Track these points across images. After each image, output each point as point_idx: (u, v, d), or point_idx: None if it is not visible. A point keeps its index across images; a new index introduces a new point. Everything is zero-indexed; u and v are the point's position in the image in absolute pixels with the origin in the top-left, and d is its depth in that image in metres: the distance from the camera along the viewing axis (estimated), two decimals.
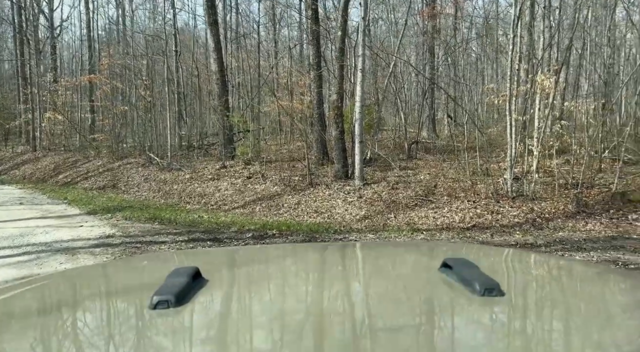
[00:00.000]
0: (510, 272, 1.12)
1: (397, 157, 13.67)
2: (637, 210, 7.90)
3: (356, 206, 8.71)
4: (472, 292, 0.78)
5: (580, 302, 0.87)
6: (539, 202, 8.57)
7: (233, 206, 9.31)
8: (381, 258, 1.26)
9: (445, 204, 8.65)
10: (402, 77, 16.99)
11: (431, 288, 0.92)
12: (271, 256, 1.33)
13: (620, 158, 8.92)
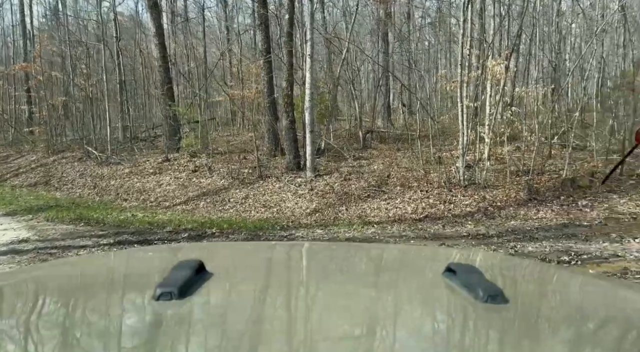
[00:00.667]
0: (515, 280, 1.10)
1: (352, 147, 13.36)
2: (587, 196, 7.92)
3: (307, 199, 8.29)
4: (475, 298, 0.76)
5: (584, 313, 0.86)
6: (491, 190, 8.45)
7: (175, 202, 8.67)
8: (386, 260, 1.26)
9: (398, 194, 8.38)
10: (357, 65, 16.67)
11: (434, 292, 0.91)
12: (276, 253, 1.33)
13: (569, 144, 8.93)
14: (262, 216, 7.61)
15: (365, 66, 18.57)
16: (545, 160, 11.05)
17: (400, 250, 1.71)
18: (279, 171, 9.82)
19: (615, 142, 10.57)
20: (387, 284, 1.01)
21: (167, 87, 12.49)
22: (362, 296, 0.89)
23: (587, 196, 7.93)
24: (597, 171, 9.52)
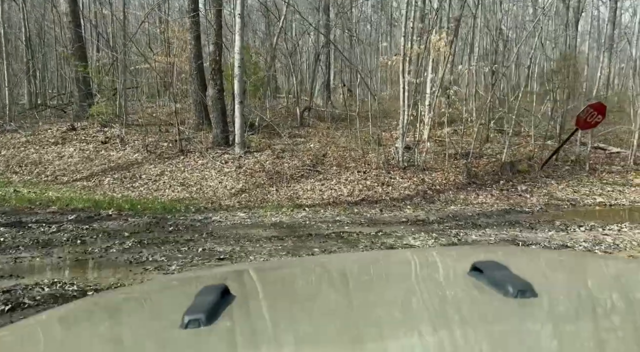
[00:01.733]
0: (542, 273, 1.08)
1: (288, 124, 12.53)
2: (525, 181, 7.71)
3: (233, 178, 7.38)
4: (504, 294, 0.76)
5: (617, 301, 0.85)
6: (430, 173, 8.02)
7: (75, 177, 7.41)
8: (410, 266, 1.25)
9: (334, 175, 7.71)
10: (297, 38, 15.72)
11: (463, 293, 0.89)
12: (298, 270, 1.31)
13: (510, 128, 8.68)
14: (177, 195, 6.62)
15: (307, 41, 17.65)
16: (483, 143, 10.91)
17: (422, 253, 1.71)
18: (204, 146, 8.78)
19: (550, 128, 10.59)
20: (415, 290, 1.00)
21: (77, 46, 10.87)
22: (390, 305, 0.87)
23: (526, 180, 7.72)
24: (534, 156, 9.44)
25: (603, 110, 7.47)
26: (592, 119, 7.44)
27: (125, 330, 0.90)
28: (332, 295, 1.02)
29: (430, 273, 1.18)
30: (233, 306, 0.84)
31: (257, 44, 15.89)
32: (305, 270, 1.30)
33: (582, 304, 0.84)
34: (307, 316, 0.85)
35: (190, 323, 0.72)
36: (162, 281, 1.73)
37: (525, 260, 1.21)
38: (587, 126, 7.63)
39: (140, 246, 4.12)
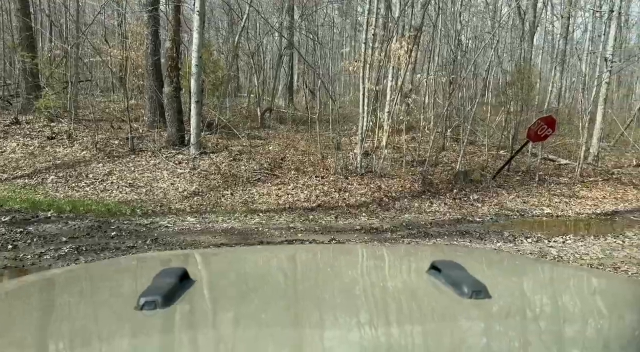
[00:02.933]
0: (498, 275, 1.11)
1: (248, 125, 12.33)
2: (478, 190, 7.89)
3: (186, 180, 7.15)
4: (459, 294, 0.78)
5: (566, 305, 0.88)
6: (387, 180, 8.07)
7: (16, 174, 6.95)
8: (369, 260, 1.27)
9: (292, 179, 7.61)
10: (260, 37, 15.51)
11: (419, 290, 0.92)
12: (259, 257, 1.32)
13: (465, 137, 8.87)
14: (125, 197, 6.33)
15: (270, 41, 17.47)
16: (440, 151, 11.12)
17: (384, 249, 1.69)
18: (158, 145, 8.48)
19: (503, 138, 10.93)
20: (372, 284, 1.01)
21: (24, 35, 10.25)
22: (347, 297, 0.88)
23: (478, 190, 7.91)
24: (487, 165, 9.69)
25: (553, 124, 7.75)
26: (543, 132, 7.70)
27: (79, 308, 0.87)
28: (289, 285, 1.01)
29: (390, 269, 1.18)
30: (191, 291, 0.83)
31: (219, 41, 15.57)
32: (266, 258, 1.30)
33: (534, 308, 0.85)
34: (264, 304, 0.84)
35: (146, 305, 0.71)
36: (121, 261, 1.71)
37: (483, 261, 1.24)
38: (537, 139, 7.89)
39: (78, 253, 3.88)
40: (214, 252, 1.92)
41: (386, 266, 1.21)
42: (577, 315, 0.82)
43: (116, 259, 2.50)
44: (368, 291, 0.95)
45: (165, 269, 0.89)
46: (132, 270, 1.20)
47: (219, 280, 1.05)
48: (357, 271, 1.16)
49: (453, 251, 1.66)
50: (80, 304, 0.89)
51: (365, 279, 1.06)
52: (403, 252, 1.49)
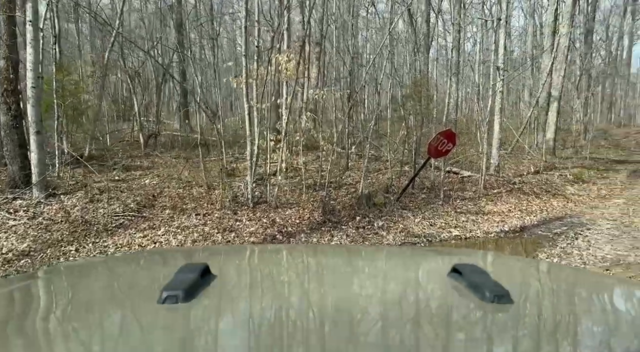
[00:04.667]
0: (521, 280, 1.09)
1: (127, 154, 10.68)
2: (382, 214, 7.12)
3: (18, 234, 5.50)
4: (481, 298, 0.76)
5: (589, 313, 0.86)
6: (283, 210, 7.02)
7: None
8: (392, 262, 1.25)
9: (165, 221, 6.26)
10: (147, 53, 13.90)
11: (440, 293, 0.91)
12: (281, 255, 1.31)
13: (366, 156, 8.13)
14: None
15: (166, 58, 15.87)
16: (343, 172, 10.36)
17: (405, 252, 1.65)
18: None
19: (406, 153, 10.47)
20: (394, 286, 1.00)
21: None
22: (369, 298, 0.87)
23: (382, 214, 7.14)
24: (392, 184, 9.07)
25: (453, 137, 7.25)
26: (443, 147, 7.16)
27: (102, 300, 0.87)
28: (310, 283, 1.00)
29: (412, 271, 1.17)
30: (212, 286, 0.84)
31: (92, 58, 13.68)
32: (288, 257, 1.29)
33: (557, 314, 0.84)
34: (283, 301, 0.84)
35: (168, 299, 0.73)
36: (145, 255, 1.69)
37: (505, 266, 1.23)
38: (439, 154, 7.35)
39: None
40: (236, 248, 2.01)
41: (408, 268, 1.19)
42: (600, 323, 0.80)
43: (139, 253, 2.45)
44: (389, 292, 0.93)
45: (188, 264, 0.89)
46: (155, 264, 1.20)
47: (240, 276, 1.06)
48: (379, 273, 1.13)
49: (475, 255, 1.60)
50: (104, 296, 0.89)
51: (388, 280, 1.05)
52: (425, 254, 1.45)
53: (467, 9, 21.97)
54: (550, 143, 12.96)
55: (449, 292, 0.87)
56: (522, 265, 1.34)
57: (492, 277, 0.84)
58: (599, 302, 0.94)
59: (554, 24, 13.39)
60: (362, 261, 1.24)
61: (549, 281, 1.11)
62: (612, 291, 1.01)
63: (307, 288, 0.94)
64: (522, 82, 21.65)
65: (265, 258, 1.25)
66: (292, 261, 1.24)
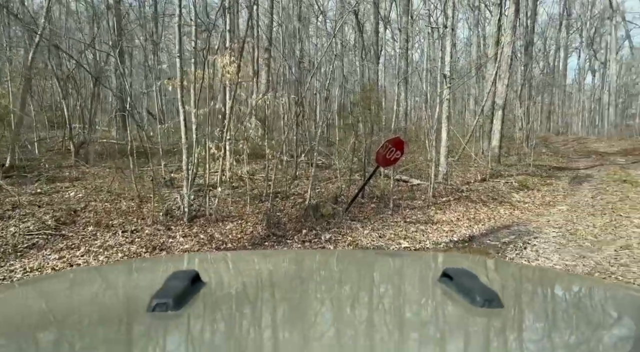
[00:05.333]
0: (510, 284, 1.10)
1: (55, 164, 9.77)
2: (330, 226, 6.77)
3: None
4: (471, 303, 0.77)
5: (578, 316, 0.87)
6: (224, 224, 6.51)
7: None
8: (381, 267, 1.25)
9: (87, 239, 5.59)
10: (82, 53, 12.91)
11: (431, 298, 0.91)
12: (270, 261, 1.30)
13: (314, 164, 7.77)
14: None
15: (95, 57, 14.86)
16: (291, 181, 9.97)
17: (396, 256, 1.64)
18: None
19: (356, 161, 10.23)
20: (384, 291, 1.00)
21: None
22: (358, 303, 0.87)
23: (330, 226, 6.79)
24: (342, 193, 8.77)
25: (401, 146, 7.03)
26: (392, 156, 6.93)
27: (91, 308, 0.87)
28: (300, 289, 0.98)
29: (402, 275, 1.17)
30: (202, 293, 0.84)
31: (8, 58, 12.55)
32: (277, 262, 1.28)
33: (545, 318, 0.84)
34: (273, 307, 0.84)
35: (158, 307, 0.72)
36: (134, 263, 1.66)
37: (495, 271, 1.23)
38: (387, 163, 7.11)
39: None
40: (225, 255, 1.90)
41: (398, 273, 1.18)
42: (589, 326, 0.80)
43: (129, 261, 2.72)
44: (379, 297, 0.94)
45: (178, 271, 0.88)
46: (144, 272, 1.17)
47: (230, 283, 1.05)
48: (369, 277, 1.12)
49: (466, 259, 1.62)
50: (93, 305, 0.88)
51: (377, 285, 1.05)
52: (415, 259, 1.44)
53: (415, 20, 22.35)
54: (496, 150, 13.18)
55: (439, 297, 0.87)
56: (513, 269, 1.36)
57: (483, 281, 0.84)
58: (589, 306, 0.94)
59: (497, 34, 13.71)
60: (352, 266, 1.23)
61: (539, 285, 1.10)
62: (603, 294, 1.01)
63: (297, 294, 0.93)
64: (467, 91, 22.22)
65: (256, 264, 1.25)
66: (283, 267, 1.22)
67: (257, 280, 1.07)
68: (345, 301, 0.87)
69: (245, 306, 0.84)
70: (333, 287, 0.99)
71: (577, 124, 35.92)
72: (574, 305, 0.95)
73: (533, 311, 0.87)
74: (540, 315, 0.85)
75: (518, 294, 0.99)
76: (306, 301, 0.88)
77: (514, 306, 0.83)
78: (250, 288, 0.98)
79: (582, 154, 18.73)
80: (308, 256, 1.50)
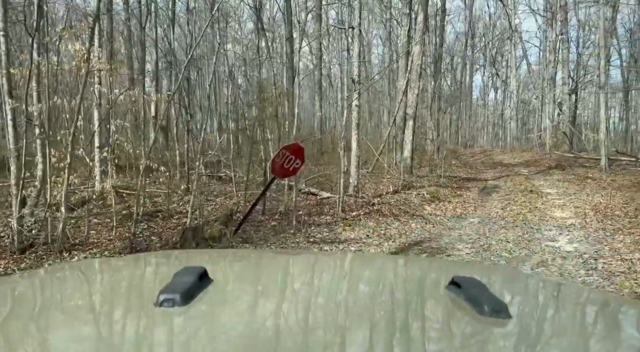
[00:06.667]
0: (520, 295, 1.09)
1: None
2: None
3: None
4: (479, 312, 0.77)
5: (587, 330, 0.88)
6: (71, 255, 5.05)
7: None
8: (389, 272, 1.26)
9: None
10: None
11: (438, 306, 0.92)
12: (279, 261, 1.32)
13: (196, 176, 6.52)
14: None
15: None
16: (183, 196, 8.61)
17: (404, 261, 1.65)
18: None
19: (260, 173, 9.15)
20: (391, 297, 1.00)
21: None
22: (365, 307, 0.87)
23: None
24: (238, 210, 7.60)
25: (301, 153, 6.04)
26: (290, 165, 5.91)
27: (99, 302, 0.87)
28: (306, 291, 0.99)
29: (410, 282, 1.17)
30: (209, 290, 0.83)
31: None
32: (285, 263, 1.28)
33: (553, 330, 0.84)
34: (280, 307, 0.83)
35: (165, 302, 0.72)
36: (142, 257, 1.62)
37: (504, 280, 1.22)
38: (286, 174, 6.08)
39: None
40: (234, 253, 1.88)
41: (407, 279, 1.19)
42: (598, 339, 0.81)
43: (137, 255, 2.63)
44: (386, 302, 0.94)
45: (186, 267, 0.88)
46: (153, 266, 1.18)
47: (238, 281, 1.05)
48: (376, 282, 1.13)
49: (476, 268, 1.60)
50: (101, 298, 0.89)
51: (384, 290, 1.05)
52: (424, 265, 1.45)
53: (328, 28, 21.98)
54: (408, 161, 12.81)
55: (447, 305, 0.87)
56: (524, 280, 1.35)
57: (492, 291, 0.84)
58: (598, 319, 0.93)
59: (407, 44, 13.48)
60: (362, 270, 1.23)
61: (548, 296, 1.09)
62: (612, 308, 1.01)
63: (304, 296, 0.94)
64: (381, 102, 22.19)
65: (264, 263, 1.24)
66: (291, 268, 1.21)
67: (264, 279, 1.07)
68: (352, 304, 0.87)
69: (252, 305, 0.84)
70: (340, 290, 0.99)
71: (482, 137, 38.00)
72: (584, 318, 0.94)
73: (541, 323, 0.85)
74: (548, 327, 0.84)
75: (527, 305, 0.99)
76: (312, 302, 0.89)
77: (522, 316, 0.82)
78: (258, 287, 0.98)
79: (489, 166, 19.28)
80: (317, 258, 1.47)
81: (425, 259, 3.64)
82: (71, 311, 0.80)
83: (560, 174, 15.01)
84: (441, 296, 0.91)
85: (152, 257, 1.44)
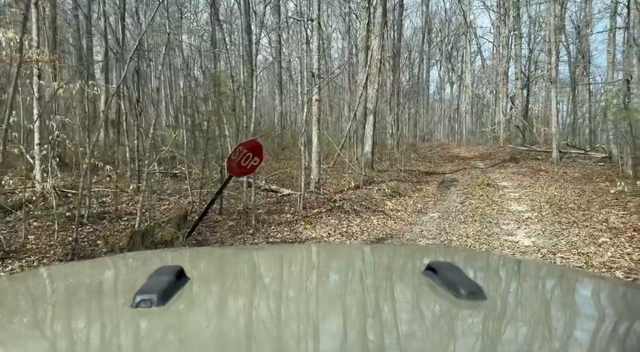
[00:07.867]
0: (494, 276, 1.11)
1: None
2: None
3: None
4: (455, 295, 0.78)
5: (561, 307, 0.87)
6: (4, 264, 4.59)
7: None
8: (366, 260, 1.25)
9: None
10: None
11: (415, 291, 0.92)
12: (256, 256, 1.30)
13: (145, 176, 6.12)
14: None
15: None
16: (133, 195, 8.14)
17: (380, 249, 1.64)
18: None
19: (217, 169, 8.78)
20: (368, 284, 0.99)
21: None
22: (342, 297, 0.87)
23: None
24: (193, 211, 7.24)
25: (260, 150, 5.76)
26: (248, 163, 5.62)
27: (75, 305, 0.85)
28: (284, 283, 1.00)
29: (386, 269, 1.16)
30: (187, 289, 0.82)
31: None
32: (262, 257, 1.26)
33: (529, 309, 0.84)
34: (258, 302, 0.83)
35: (142, 303, 0.71)
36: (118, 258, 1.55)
37: (480, 263, 1.23)
38: (243, 172, 5.79)
39: None
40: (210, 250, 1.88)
41: (382, 266, 1.18)
42: (572, 317, 0.81)
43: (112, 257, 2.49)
44: (364, 290, 0.93)
45: (162, 267, 0.87)
46: (128, 267, 1.16)
47: (215, 278, 1.04)
48: (353, 271, 1.12)
49: (450, 252, 1.61)
50: (77, 302, 0.86)
51: (362, 278, 1.05)
52: (400, 252, 1.45)
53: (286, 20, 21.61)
54: (369, 156, 12.76)
55: (423, 290, 0.87)
56: (499, 262, 1.34)
57: (468, 274, 0.84)
58: (573, 298, 0.93)
59: (366, 38, 13.37)
60: (338, 259, 1.23)
61: (525, 277, 1.09)
62: (587, 285, 1.01)
63: (282, 289, 0.93)
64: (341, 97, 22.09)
65: (240, 260, 1.22)
66: (267, 262, 1.20)
67: (242, 275, 1.06)
68: (330, 294, 0.87)
69: (230, 302, 0.83)
70: (318, 281, 0.98)
71: (439, 131, 38.79)
72: (558, 297, 0.93)
73: (517, 303, 0.86)
74: (524, 307, 0.85)
75: (503, 286, 0.99)
76: (290, 296, 0.88)
77: (498, 298, 0.83)
78: (236, 283, 0.96)
79: (446, 159, 19.63)
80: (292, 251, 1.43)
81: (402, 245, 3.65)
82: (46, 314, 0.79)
83: (515, 166, 15.45)
84: (418, 281, 0.92)
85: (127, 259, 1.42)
